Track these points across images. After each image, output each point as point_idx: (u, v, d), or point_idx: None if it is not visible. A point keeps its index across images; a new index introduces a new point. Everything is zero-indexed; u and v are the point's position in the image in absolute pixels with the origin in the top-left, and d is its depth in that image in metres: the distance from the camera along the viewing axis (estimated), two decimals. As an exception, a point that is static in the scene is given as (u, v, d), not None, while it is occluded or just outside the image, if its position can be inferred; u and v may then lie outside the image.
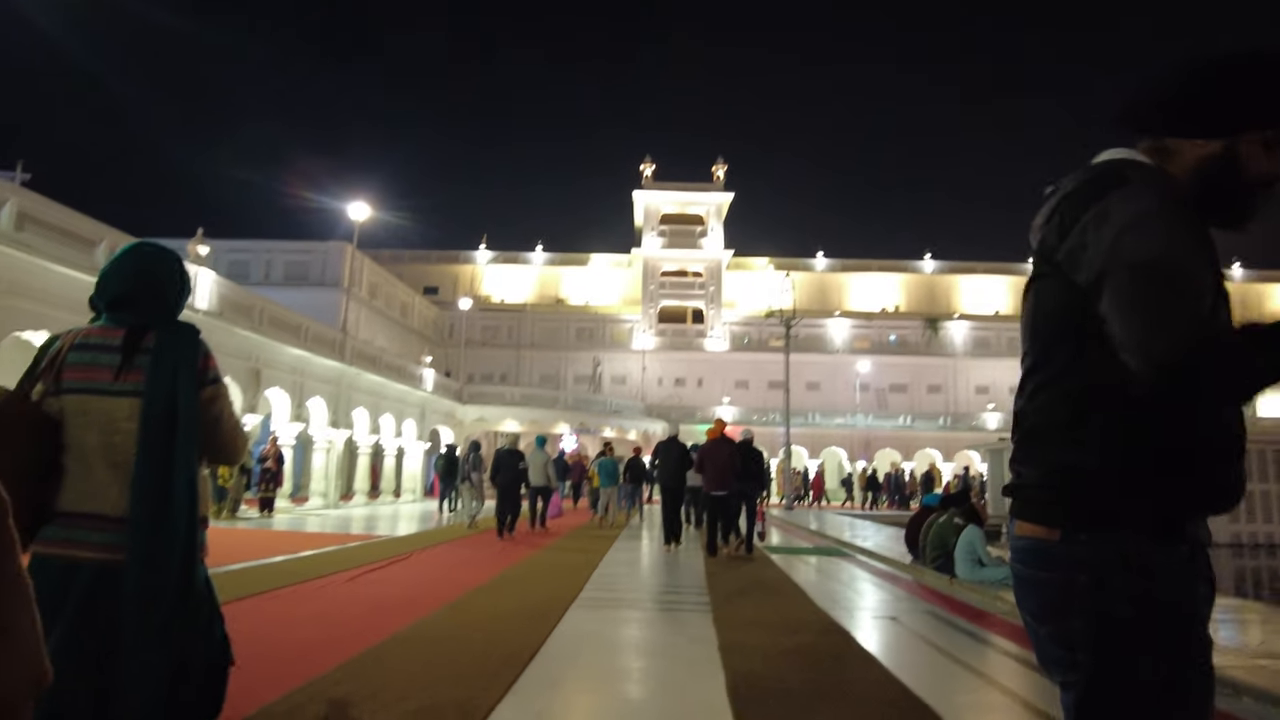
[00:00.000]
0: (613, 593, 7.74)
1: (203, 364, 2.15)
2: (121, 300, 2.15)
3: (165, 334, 2.11)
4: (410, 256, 55.18)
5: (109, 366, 2.04)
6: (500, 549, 11.67)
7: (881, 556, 11.36)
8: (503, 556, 10.73)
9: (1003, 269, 57.76)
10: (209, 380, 2.16)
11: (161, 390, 2.03)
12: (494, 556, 10.77)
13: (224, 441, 2.22)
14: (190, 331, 2.17)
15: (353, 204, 24.57)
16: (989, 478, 31.16)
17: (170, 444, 2.01)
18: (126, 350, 2.06)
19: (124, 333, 2.08)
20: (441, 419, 33.02)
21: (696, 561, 10.65)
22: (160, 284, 2.21)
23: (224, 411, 2.21)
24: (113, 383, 2.03)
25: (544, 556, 10.99)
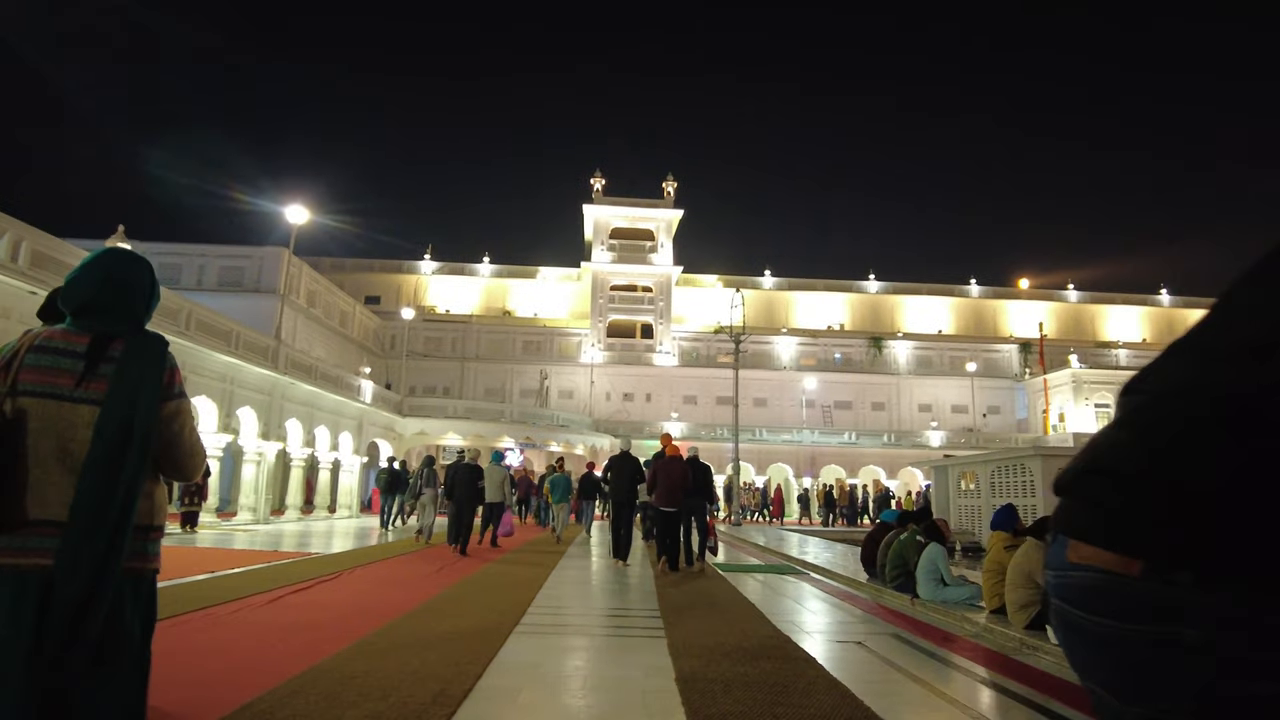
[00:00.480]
0: (559, 615, 7.18)
1: (168, 378, 2.12)
2: (89, 307, 2.10)
3: (132, 344, 2.08)
4: (352, 265, 53.81)
5: (71, 372, 2.01)
6: (442, 566, 10.99)
7: (836, 574, 11.01)
8: (444, 575, 10.06)
9: (945, 290, 58.98)
10: (173, 395, 2.14)
11: (122, 401, 2.00)
12: (435, 574, 10.10)
13: (182, 457, 2.20)
14: (158, 343, 2.14)
15: (290, 207, 23.55)
16: (934, 495, 31.41)
17: (122, 456, 1.97)
18: (91, 358, 2.03)
19: (89, 339, 2.05)
20: (380, 432, 31.91)
21: (647, 579, 10.16)
22: (130, 291, 2.17)
23: (185, 427, 2.19)
24: (74, 389, 2.00)
25: (489, 574, 10.36)
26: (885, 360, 53.08)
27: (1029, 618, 6.27)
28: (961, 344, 54.44)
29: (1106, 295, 60.24)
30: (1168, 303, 60.10)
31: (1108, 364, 51.29)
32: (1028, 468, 24.52)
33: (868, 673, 5.13)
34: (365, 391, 29.85)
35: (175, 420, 2.15)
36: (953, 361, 53.31)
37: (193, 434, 2.24)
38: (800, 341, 53.16)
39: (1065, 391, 48.53)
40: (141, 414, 2.02)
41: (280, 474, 28.69)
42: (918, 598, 8.20)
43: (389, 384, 40.92)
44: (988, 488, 26.50)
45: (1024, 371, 52.70)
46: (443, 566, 11.06)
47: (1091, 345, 54.86)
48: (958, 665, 5.53)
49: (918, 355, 53.72)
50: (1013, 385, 52.76)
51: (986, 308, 58.62)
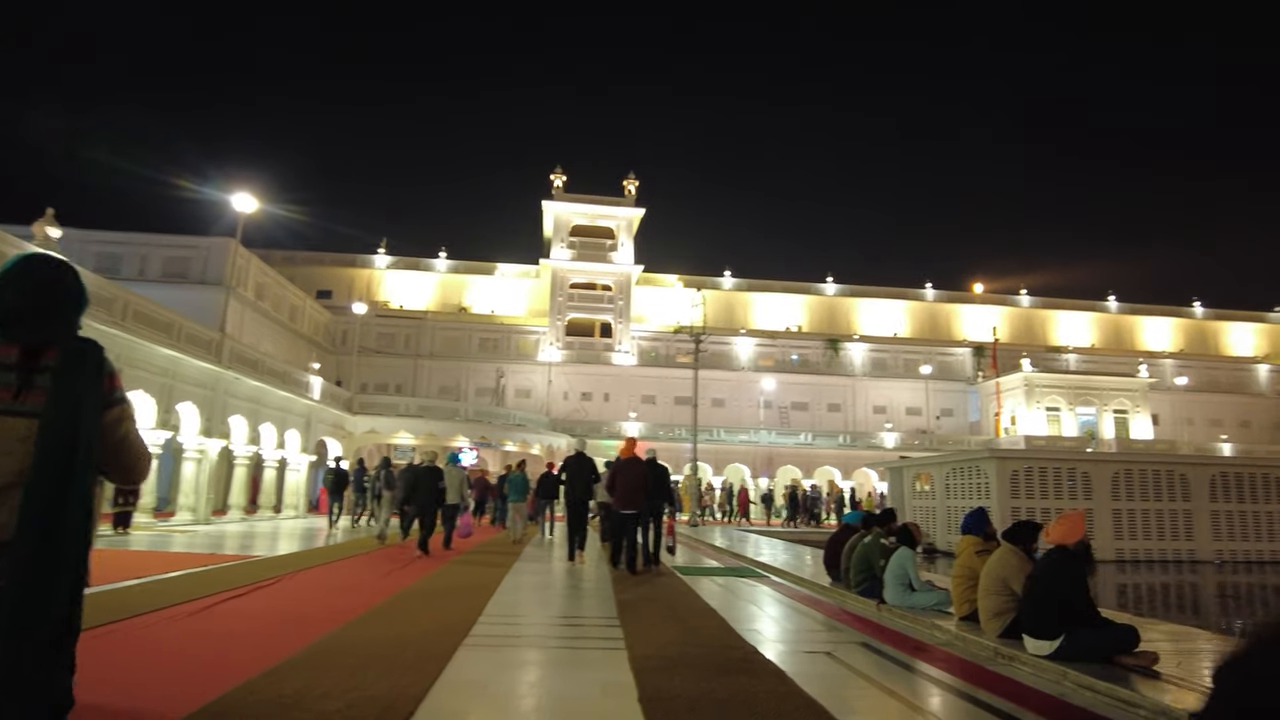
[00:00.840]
0: (512, 623, 6.77)
1: (108, 384, 2.09)
2: (16, 316, 2.04)
3: (68, 353, 2.04)
4: (303, 258, 52.44)
5: (5, 386, 1.97)
6: (391, 570, 10.48)
7: (798, 578, 10.76)
8: (392, 579, 9.57)
9: (900, 294, 59.67)
10: (114, 401, 2.12)
11: (63, 412, 1.96)
12: (383, 578, 9.60)
13: (129, 462, 2.18)
14: (94, 350, 2.09)
15: (237, 195, 22.63)
16: (889, 495, 31.56)
17: (69, 468, 1.94)
18: (24, 369, 1.99)
19: (18, 350, 2.01)
20: (329, 430, 30.99)
21: (604, 582, 9.80)
22: (56, 297, 2.12)
23: (129, 432, 2.17)
24: (12, 402, 1.97)
25: (440, 578, 9.89)
26: (841, 362, 53.46)
27: (1003, 626, 6.03)
28: (916, 347, 55.07)
29: (1057, 301, 61.52)
30: (1115, 309, 61.56)
31: (1059, 368, 52.31)
32: (982, 469, 24.71)
33: (840, 687, 4.83)
34: (314, 388, 28.94)
35: (120, 426, 2.13)
36: (907, 364, 53.90)
37: (137, 437, 2.22)
38: (759, 343, 53.26)
39: (1017, 395, 49.37)
40: (86, 426, 1.98)
41: (224, 473, 27.68)
42: (884, 603, 7.96)
43: (339, 381, 39.88)
44: (943, 489, 26.66)
45: (977, 375, 53.50)
46: (391, 570, 10.55)
47: (1043, 350, 55.93)
48: (931, 677, 5.26)
49: (873, 357, 54.22)
50: (966, 388, 53.53)
51: (941, 311, 59.41)
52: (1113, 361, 54.87)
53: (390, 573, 10.36)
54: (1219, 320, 61.99)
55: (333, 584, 9.16)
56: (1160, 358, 56.05)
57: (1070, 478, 24.07)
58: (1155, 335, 60.90)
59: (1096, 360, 55.19)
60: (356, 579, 9.71)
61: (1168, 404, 52.45)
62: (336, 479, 21.19)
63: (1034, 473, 23.87)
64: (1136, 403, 49.85)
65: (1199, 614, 14.75)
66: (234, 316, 34.24)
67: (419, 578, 9.93)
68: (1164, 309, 62.09)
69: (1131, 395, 49.94)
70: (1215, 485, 23.95)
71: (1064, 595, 5.29)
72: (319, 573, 10.20)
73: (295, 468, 28.36)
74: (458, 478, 13.83)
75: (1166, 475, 23.94)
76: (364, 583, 9.31)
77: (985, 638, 6.08)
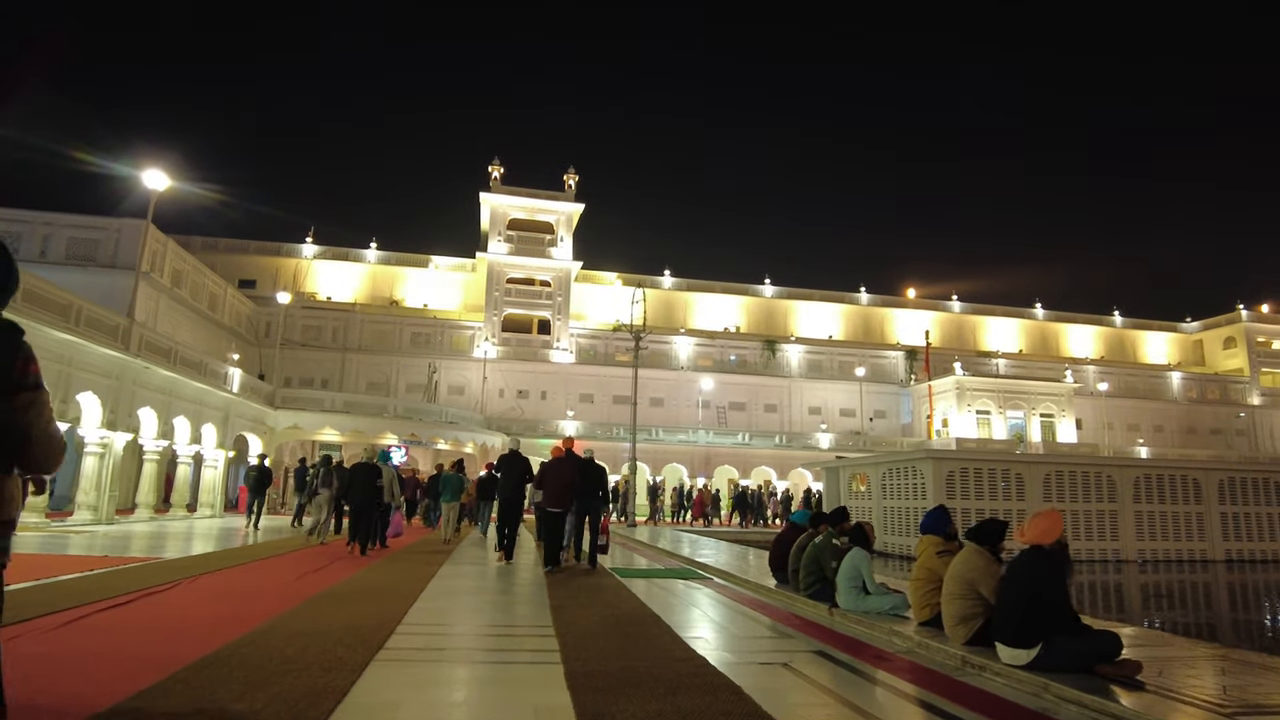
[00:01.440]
0: (435, 633, 6.08)
1: (20, 367, 2.08)
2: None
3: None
4: (226, 245, 50.15)
5: None
6: (304, 572, 9.62)
7: (742, 579, 10.28)
8: (306, 581, 8.74)
9: (836, 297, 60.35)
10: (28, 385, 2.09)
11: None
12: (295, 581, 8.77)
13: (38, 450, 2.11)
14: (10, 332, 2.08)
15: (148, 172, 21.13)
16: (825, 495, 31.62)
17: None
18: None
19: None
20: (249, 425, 29.41)
21: (538, 586, 9.15)
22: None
23: (40, 418, 2.12)
24: None
25: (362, 580, 9.11)
26: (778, 363, 53.69)
27: (970, 632, 5.62)
28: (851, 349, 55.70)
29: (987, 307, 63.12)
30: (1042, 316, 63.50)
31: (988, 372, 53.62)
32: (919, 470, 24.82)
33: (802, 703, 4.31)
34: (232, 380, 27.39)
35: (29, 411, 2.07)
36: (842, 366, 54.47)
37: (50, 424, 2.14)
38: (697, 342, 53.07)
39: (949, 397, 50.33)
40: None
41: (133, 469, 25.97)
42: (836, 606, 7.53)
43: (263, 375, 38.09)
44: (879, 489, 26.74)
45: (910, 377, 54.38)
46: (306, 572, 9.70)
47: (973, 354, 57.26)
48: (897, 689, 4.80)
49: (809, 359, 54.61)
50: (899, 390, 54.37)
51: (875, 315, 60.29)
52: (1039, 367, 56.55)
53: (305, 575, 9.51)
54: (1136, 330, 64.60)
55: (236, 589, 8.28)
56: (1083, 364, 58.01)
57: (1004, 479, 24.38)
58: (1079, 342, 63.05)
59: (1024, 365, 56.80)
60: (266, 582, 8.84)
61: (1090, 409, 54.24)
62: (259, 476, 20.63)
63: (969, 473, 24.08)
64: (1062, 407, 51.40)
65: (1125, 612, 14.93)
66: (147, 303, 32.30)
67: (337, 580, 9.13)
68: (1087, 317, 64.34)
69: (1057, 400, 51.47)
70: (1139, 486, 24.57)
71: (1044, 599, 4.87)
72: (224, 576, 9.28)
73: (211, 464, 26.78)
74: (386, 476, 13.64)
75: (1095, 477, 24.44)
76: (274, 587, 8.46)
77: (950, 645, 5.66)
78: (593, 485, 11.29)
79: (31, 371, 2.11)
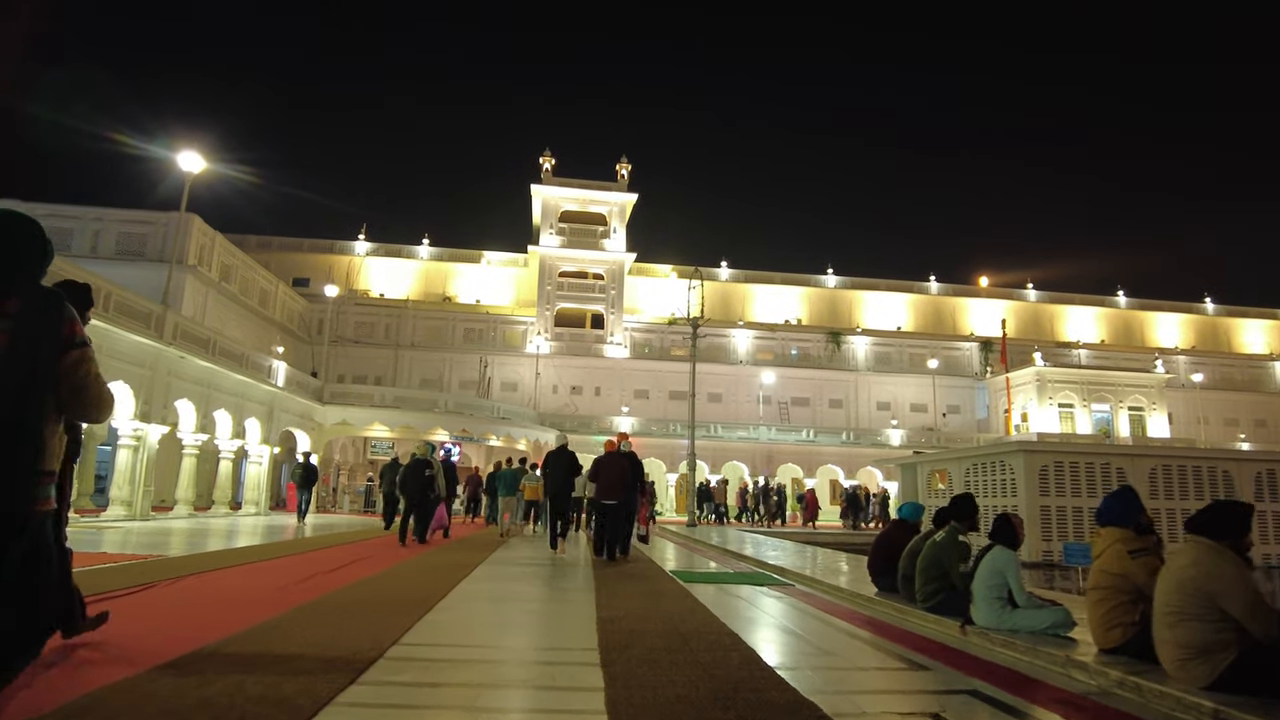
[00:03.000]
0: (434, 660, 4.44)
1: (67, 330, 2.28)
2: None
3: (29, 300, 2.24)
4: (279, 244, 50.03)
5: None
6: (313, 574, 8.16)
7: (831, 586, 8.47)
8: (313, 583, 7.27)
9: (904, 287, 57.56)
10: (75, 344, 2.30)
11: (21, 352, 2.14)
12: (299, 582, 7.29)
13: (89, 401, 2.34)
14: (54, 299, 2.30)
15: (183, 154, 20.23)
16: (901, 494, 29.34)
17: (24, 403, 2.13)
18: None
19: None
20: (296, 420, 28.57)
21: (583, 589, 7.50)
22: (16, 249, 2.30)
23: (89, 373, 2.32)
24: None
25: (378, 582, 7.63)
26: (843, 356, 51.23)
27: (1214, 672, 3.75)
28: (921, 341, 52.82)
29: (1065, 295, 59.42)
30: (1124, 304, 59.54)
31: (1071, 364, 50.25)
32: (1008, 465, 22.51)
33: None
34: (277, 373, 26.52)
35: (80, 367, 2.29)
36: (912, 358, 51.68)
37: (98, 380, 2.36)
38: (757, 335, 50.96)
39: (1029, 390, 47.22)
40: (42, 365, 2.17)
41: (174, 464, 25.27)
42: (970, 623, 5.69)
43: (315, 372, 37.45)
44: (962, 487, 24.44)
45: (985, 370, 51.35)
46: (315, 574, 8.23)
47: (1052, 345, 53.80)
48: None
49: (876, 352, 51.97)
50: (973, 384, 51.35)
51: (946, 305, 57.27)
52: (1123, 358, 52.80)
53: (312, 576, 8.05)
54: (1231, 317, 59.94)
55: (222, 593, 6.84)
56: (1173, 354, 54.00)
57: (1104, 474, 21.96)
58: (1166, 331, 58.89)
59: (1107, 356, 53.08)
60: (262, 583, 7.41)
61: (1181, 402, 50.37)
62: (305, 473, 20.41)
63: (1064, 469, 21.74)
64: (1153, 400, 47.75)
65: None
66: (196, 298, 31.84)
67: (349, 581, 7.67)
68: (1175, 305, 60.08)
69: (1147, 392, 47.83)
70: (1262, 483, 21.89)
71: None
72: (220, 576, 7.90)
73: (256, 460, 25.97)
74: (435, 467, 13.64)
75: (1209, 472, 21.89)
76: (269, 588, 7.02)
77: (1180, 689, 3.79)
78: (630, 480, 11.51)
79: (78, 332, 2.32)
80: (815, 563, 11.39)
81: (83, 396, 2.30)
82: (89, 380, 2.30)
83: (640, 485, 12.13)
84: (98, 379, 2.35)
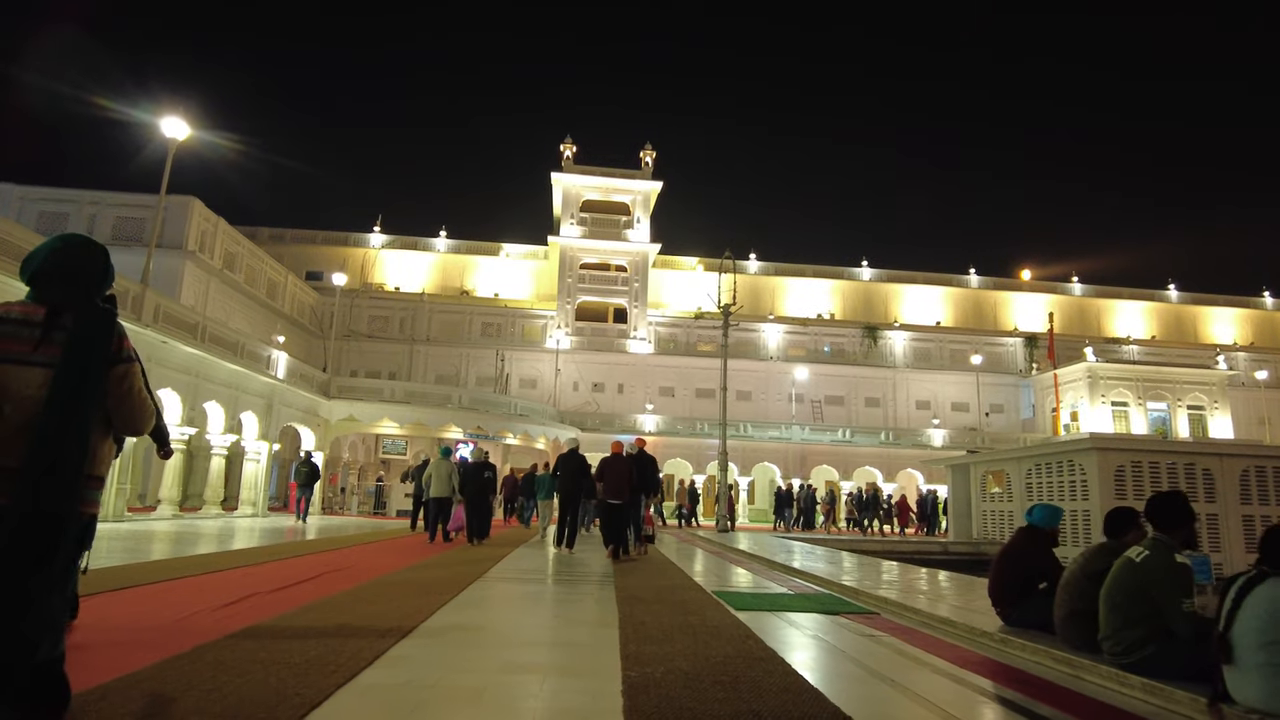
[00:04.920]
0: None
1: (116, 345, 2.37)
2: (44, 274, 2.37)
3: (84, 316, 2.32)
4: (292, 236, 48.52)
5: (29, 340, 2.26)
6: (283, 584, 6.10)
7: (943, 620, 6.23)
8: (274, 599, 5.19)
9: (942, 280, 54.91)
10: (123, 359, 2.39)
11: (75, 366, 2.24)
12: (265, 596, 5.21)
13: (133, 412, 2.43)
14: (107, 316, 2.38)
15: (166, 119, 18.40)
16: (951, 498, 26.91)
17: (73, 412, 2.20)
18: (46, 327, 2.28)
19: (45, 311, 2.31)
20: (299, 416, 26.71)
21: (602, 626, 5.33)
22: (78, 270, 2.41)
23: (134, 386, 2.44)
24: (31, 354, 2.25)
25: (356, 596, 5.52)
26: (880, 352, 48.67)
27: None
28: (962, 336, 50.05)
29: (1113, 289, 56.30)
30: (1176, 298, 56.34)
31: (1123, 359, 47.31)
32: (1079, 464, 20.06)
33: None
34: (278, 364, 24.66)
35: (126, 380, 2.40)
36: (953, 355, 48.96)
37: (142, 392, 2.47)
38: (788, 330, 48.53)
39: (1079, 388, 44.37)
40: (92, 376, 2.25)
41: (156, 459, 23.50)
42: (1228, 701, 3.46)
43: (326, 367, 35.69)
44: (1022, 490, 22.02)
45: (1030, 367, 48.53)
46: (284, 585, 6.16)
47: (1101, 340, 50.82)
48: None
49: (915, 348, 49.32)
50: (1017, 382, 48.54)
51: (986, 299, 54.44)
52: (1176, 354, 49.71)
53: (281, 589, 6.00)
54: (1295, 311, 56.48)
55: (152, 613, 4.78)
56: (1231, 350, 50.74)
57: (1189, 475, 19.48)
58: (1221, 326, 55.61)
59: (1159, 353, 50.00)
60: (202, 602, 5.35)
61: (1240, 401, 47.14)
62: (309, 472, 20.16)
63: (1143, 469, 19.29)
64: (1214, 398, 44.66)
65: None
66: (195, 285, 30.18)
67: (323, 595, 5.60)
68: (1229, 298, 56.72)
69: (1208, 390, 44.75)
70: (1374, 485, 19.34)
71: None
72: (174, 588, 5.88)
73: (254, 457, 24.13)
74: (445, 470, 13.93)
75: (1313, 474, 19.34)
76: (203, 610, 4.94)
77: None
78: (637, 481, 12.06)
79: (126, 347, 2.40)
80: (894, 582, 9.13)
81: (127, 408, 2.42)
82: (133, 393, 2.43)
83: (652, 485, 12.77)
84: (142, 392, 2.47)
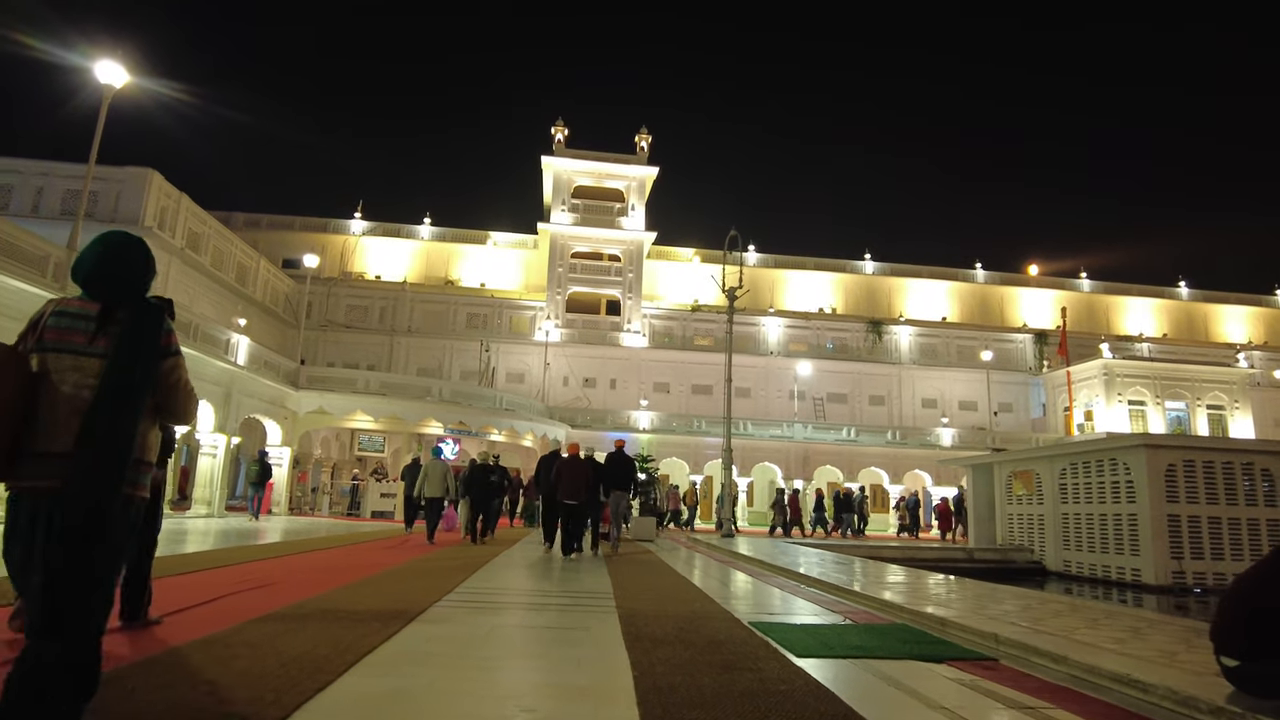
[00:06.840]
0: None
1: (165, 339, 2.44)
2: (94, 279, 2.43)
3: (135, 311, 2.40)
4: (269, 223, 46.08)
5: (84, 332, 2.34)
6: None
7: (1127, 680, 4.06)
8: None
9: (947, 274, 52.96)
10: (170, 353, 2.47)
11: (125, 357, 2.31)
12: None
13: (178, 404, 2.52)
14: (156, 311, 2.46)
15: (100, 63, 16.10)
16: (972, 501, 24.87)
17: (126, 397, 2.28)
18: (101, 321, 2.35)
19: (99, 306, 2.39)
20: (264, 407, 24.38)
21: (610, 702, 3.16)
22: (125, 267, 2.48)
23: (180, 379, 2.51)
24: (87, 345, 2.33)
25: (283, 626, 3.29)
26: (884, 348, 46.60)
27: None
28: (970, 332, 48.00)
29: (1123, 285, 54.41)
30: (1187, 295, 54.53)
31: (1138, 356, 45.42)
32: (1123, 463, 18.00)
33: None
34: (238, 349, 22.36)
35: (173, 373, 2.47)
36: (960, 351, 46.95)
37: (187, 385, 2.55)
38: (789, 324, 46.39)
39: (1094, 386, 42.41)
40: (141, 367, 2.32)
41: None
42: None
43: (304, 360, 33.35)
44: (1054, 490, 20.00)
45: (1041, 364, 46.57)
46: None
47: (1112, 338, 48.93)
48: None
49: (921, 344, 47.25)
50: (1026, 379, 46.57)
51: (993, 294, 52.45)
52: (1189, 352, 47.85)
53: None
54: (1310, 310, 54.74)
55: None
56: (1247, 349, 48.91)
57: (1246, 474, 17.52)
58: (1234, 324, 53.82)
59: (1172, 351, 48.13)
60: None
61: (1258, 401, 45.33)
62: (261, 470, 20.04)
63: (1196, 469, 17.28)
64: (1235, 397, 42.78)
65: None
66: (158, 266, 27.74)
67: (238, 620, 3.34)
68: (1244, 296, 54.94)
69: (1228, 389, 42.85)
70: None
71: None
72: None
73: (209, 451, 21.82)
74: (439, 471, 13.96)
75: (1384, 475, 17.36)
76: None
77: None
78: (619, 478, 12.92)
79: (173, 342, 2.48)
80: (983, 605, 6.93)
81: (173, 399, 2.49)
82: (179, 385, 2.49)
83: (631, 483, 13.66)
84: (187, 385, 2.54)
